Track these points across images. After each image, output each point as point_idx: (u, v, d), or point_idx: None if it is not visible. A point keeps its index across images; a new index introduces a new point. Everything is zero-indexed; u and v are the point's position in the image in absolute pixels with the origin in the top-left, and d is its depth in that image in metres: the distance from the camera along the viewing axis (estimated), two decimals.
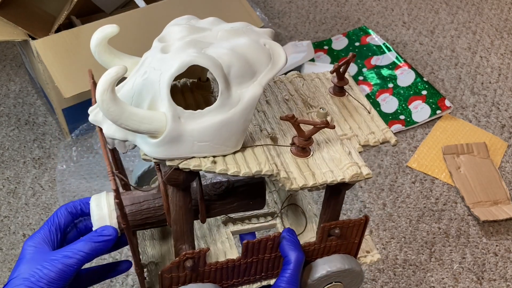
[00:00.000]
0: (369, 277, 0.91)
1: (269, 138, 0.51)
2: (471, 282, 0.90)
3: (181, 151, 0.46)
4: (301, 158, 0.51)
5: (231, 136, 0.47)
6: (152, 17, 1.04)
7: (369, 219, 0.55)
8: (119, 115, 0.42)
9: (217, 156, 0.48)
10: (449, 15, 1.48)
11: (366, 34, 1.39)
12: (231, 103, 0.46)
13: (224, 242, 0.61)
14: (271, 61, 0.47)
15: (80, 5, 1.08)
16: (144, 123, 0.43)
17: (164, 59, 0.45)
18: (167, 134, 0.44)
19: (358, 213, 1.00)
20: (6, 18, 1.00)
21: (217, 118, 0.45)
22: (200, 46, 0.45)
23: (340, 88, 0.59)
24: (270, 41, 0.48)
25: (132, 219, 0.54)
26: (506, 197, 1.03)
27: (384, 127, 0.56)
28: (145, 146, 0.46)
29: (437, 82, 1.27)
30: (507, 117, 1.19)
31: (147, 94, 0.45)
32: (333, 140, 0.53)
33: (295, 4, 1.51)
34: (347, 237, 0.56)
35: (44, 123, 1.17)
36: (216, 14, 1.18)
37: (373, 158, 1.10)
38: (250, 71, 0.46)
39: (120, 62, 0.51)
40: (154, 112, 0.44)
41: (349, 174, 0.50)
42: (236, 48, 0.46)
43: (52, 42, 0.97)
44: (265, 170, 0.47)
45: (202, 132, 0.45)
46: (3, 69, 1.30)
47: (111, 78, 0.41)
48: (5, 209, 1.00)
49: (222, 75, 0.44)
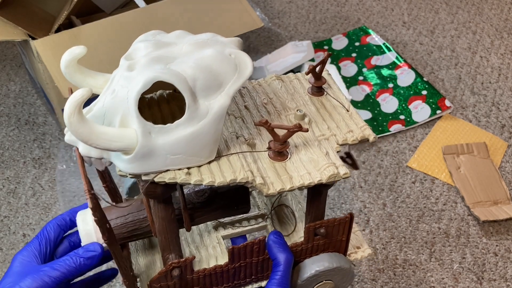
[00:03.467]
0: (369, 277, 0.91)
1: (246, 144, 0.52)
2: (471, 282, 0.90)
3: (154, 165, 0.46)
4: (279, 162, 0.51)
5: (204, 147, 0.48)
6: (152, 17, 1.04)
7: (353, 217, 0.55)
8: (88, 136, 0.43)
9: (191, 167, 0.48)
10: (449, 15, 1.48)
11: (366, 34, 1.39)
12: (199, 115, 0.46)
13: (215, 247, 0.62)
14: (237, 70, 0.48)
15: (80, 5, 1.08)
16: (114, 141, 0.44)
17: (130, 76, 0.45)
18: (138, 150, 0.45)
19: (358, 213, 1.00)
20: (6, 18, 1.00)
21: (187, 130, 0.46)
22: (165, 61, 0.46)
23: (318, 88, 0.59)
24: (236, 50, 0.49)
25: (119, 232, 0.55)
26: (506, 197, 1.03)
27: (362, 125, 0.55)
28: (120, 163, 0.46)
29: (437, 82, 1.27)
30: (507, 117, 1.19)
31: (118, 112, 0.45)
32: (310, 142, 0.53)
33: (295, 4, 1.51)
34: (334, 236, 0.57)
35: (44, 123, 1.17)
36: (216, 14, 1.19)
37: (373, 158, 1.10)
38: (216, 83, 0.47)
39: (92, 81, 0.51)
40: (124, 130, 0.45)
41: (326, 175, 0.50)
42: (201, 61, 0.46)
43: (52, 42, 0.97)
44: (240, 178, 0.48)
45: (173, 146, 0.46)
46: (3, 69, 1.30)
47: (77, 100, 0.42)
48: (5, 209, 1.00)
49: (187, 89, 0.45)
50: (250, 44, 1.38)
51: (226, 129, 0.53)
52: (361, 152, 1.11)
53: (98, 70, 0.97)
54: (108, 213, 0.55)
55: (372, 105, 1.21)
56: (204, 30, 1.05)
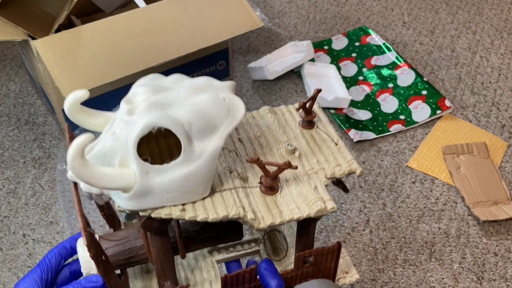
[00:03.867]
0: (369, 277, 0.91)
1: (239, 178, 0.54)
2: (471, 282, 0.90)
3: (151, 202, 0.49)
4: (270, 196, 0.53)
5: (198, 185, 0.50)
6: (152, 17, 1.04)
7: (341, 246, 0.58)
8: (90, 177, 0.46)
9: (186, 204, 0.50)
10: (449, 15, 1.48)
11: (366, 34, 1.39)
12: (194, 157, 0.49)
13: (209, 271, 0.64)
14: (230, 114, 0.51)
15: (80, 5, 1.08)
16: (114, 181, 0.47)
17: (130, 121, 0.48)
18: (137, 189, 0.48)
19: (358, 213, 1.00)
20: (6, 18, 1.00)
21: (182, 171, 0.48)
22: (162, 107, 0.49)
23: (308, 122, 0.62)
24: (229, 95, 0.51)
25: (116, 259, 0.58)
26: (506, 197, 1.03)
27: (350, 158, 0.59)
28: (118, 199, 0.49)
29: (437, 82, 1.27)
30: (507, 117, 1.19)
31: (117, 153, 0.49)
32: (300, 176, 0.56)
33: (295, 4, 1.51)
34: (323, 263, 0.58)
35: (44, 123, 1.17)
36: (216, 14, 1.19)
37: (373, 158, 1.10)
38: (210, 126, 0.50)
39: (94, 120, 0.55)
40: (123, 170, 0.48)
41: (314, 210, 0.52)
42: (196, 106, 0.49)
43: (52, 42, 0.97)
44: (232, 214, 0.50)
45: (169, 184, 0.48)
46: (3, 69, 1.30)
47: (80, 146, 0.45)
48: (5, 209, 1.00)
49: (183, 133, 0.48)
50: (250, 44, 1.38)
51: (220, 164, 0.56)
52: (361, 152, 1.11)
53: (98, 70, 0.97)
54: (106, 241, 0.58)
55: (372, 105, 1.21)
56: (204, 30, 1.06)
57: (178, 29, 1.04)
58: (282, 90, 1.25)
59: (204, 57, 1.18)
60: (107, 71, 0.97)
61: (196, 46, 1.04)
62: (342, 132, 1.15)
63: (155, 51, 1.01)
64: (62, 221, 0.98)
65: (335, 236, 0.96)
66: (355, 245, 0.95)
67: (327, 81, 1.26)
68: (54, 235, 0.96)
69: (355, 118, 1.18)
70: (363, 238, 0.96)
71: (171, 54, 1.01)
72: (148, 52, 1.00)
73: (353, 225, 0.98)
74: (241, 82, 1.28)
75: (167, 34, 1.03)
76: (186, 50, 1.03)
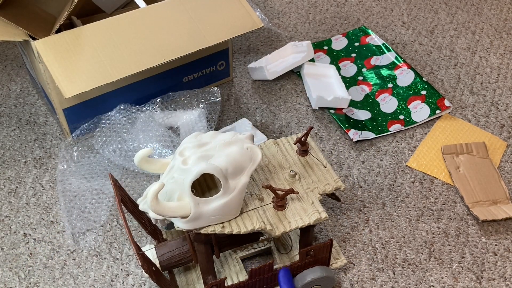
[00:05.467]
0: (369, 276, 0.91)
1: (258, 199, 0.76)
2: (470, 281, 0.91)
3: (201, 223, 0.71)
4: (280, 211, 0.75)
5: (232, 210, 0.72)
6: (153, 18, 1.05)
7: (333, 241, 0.83)
8: (162, 211, 0.69)
9: (225, 222, 0.73)
10: (449, 15, 1.49)
11: (366, 34, 1.39)
12: (230, 191, 0.71)
13: (235, 266, 0.86)
14: (252, 159, 0.73)
15: (81, 6, 1.09)
16: (177, 212, 0.69)
17: (185, 169, 0.71)
18: (191, 216, 0.70)
19: (358, 212, 1.00)
20: (7, 18, 1.00)
21: (222, 201, 0.71)
22: (206, 158, 0.71)
23: (303, 151, 0.83)
24: (250, 144, 0.74)
25: (169, 262, 0.80)
26: (506, 196, 1.03)
27: (336, 178, 0.81)
28: (179, 223, 0.72)
29: (436, 82, 1.28)
30: (506, 117, 1.20)
31: (176, 191, 0.71)
32: (300, 194, 0.78)
33: (295, 4, 1.52)
34: (320, 255, 0.81)
35: (45, 123, 1.17)
36: (216, 15, 1.19)
37: (372, 158, 1.10)
38: (239, 169, 0.71)
39: (154, 166, 0.76)
40: (181, 203, 0.70)
41: (312, 219, 0.75)
42: (229, 156, 0.71)
43: (53, 42, 0.97)
44: (257, 227, 0.73)
45: (213, 211, 0.71)
46: (4, 69, 1.31)
47: (155, 191, 0.67)
48: (6, 209, 1.01)
49: (222, 176, 0.70)
50: (250, 44, 1.39)
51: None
52: (360, 152, 1.11)
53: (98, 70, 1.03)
54: (161, 249, 0.80)
55: (371, 105, 1.21)
56: (204, 30, 1.06)
57: (178, 29, 1.05)
58: (282, 90, 1.25)
59: (204, 57, 1.19)
60: (107, 71, 0.97)
61: (196, 47, 1.04)
62: (342, 132, 1.15)
63: (155, 51, 1.01)
64: (62, 221, 0.98)
65: (335, 235, 0.96)
66: (354, 245, 0.95)
67: (326, 81, 1.26)
68: (55, 234, 0.97)
69: (355, 118, 1.18)
70: (362, 237, 0.96)
71: (171, 54, 1.02)
72: (148, 52, 1.01)
73: (353, 224, 0.98)
74: (241, 82, 1.28)
75: (167, 34, 1.03)
76: (186, 50, 1.03)
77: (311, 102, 1.20)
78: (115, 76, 0.97)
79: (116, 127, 1.07)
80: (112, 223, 0.98)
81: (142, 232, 0.97)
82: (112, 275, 0.91)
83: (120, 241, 0.96)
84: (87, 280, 0.90)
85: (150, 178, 1.05)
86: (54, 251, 0.94)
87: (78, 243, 0.95)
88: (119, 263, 0.92)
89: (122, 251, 0.94)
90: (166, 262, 0.79)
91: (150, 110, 1.10)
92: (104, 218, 0.98)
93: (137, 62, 0.99)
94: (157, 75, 1.14)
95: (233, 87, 1.27)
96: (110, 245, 0.95)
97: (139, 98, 1.14)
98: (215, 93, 1.15)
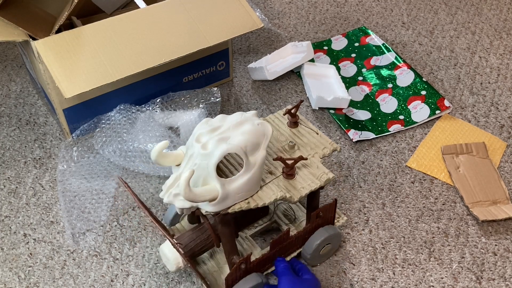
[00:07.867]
0: (369, 276, 0.91)
1: (269, 172, 0.80)
2: (470, 281, 0.91)
3: (228, 203, 0.74)
4: (291, 179, 0.80)
5: (254, 185, 0.76)
6: (153, 18, 1.05)
7: (337, 200, 0.86)
8: (194, 197, 0.71)
9: (248, 198, 0.76)
10: (448, 16, 1.49)
11: (366, 35, 1.39)
12: (251, 167, 0.74)
13: (248, 243, 0.90)
14: (265, 134, 0.76)
15: (81, 6, 1.09)
16: (206, 196, 0.72)
17: (207, 154, 0.73)
18: (220, 197, 0.72)
19: (357, 212, 1.00)
20: (7, 18, 1.00)
21: (245, 177, 0.74)
22: (225, 139, 0.73)
23: (294, 123, 0.87)
24: (259, 120, 0.77)
25: (194, 250, 0.83)
26: (505, 196, 1.03)
27: (330, 141, 0.86)
28: (207, 207, 0.74)
29: (436, 82, 1.28)
30: (506, 117, 1.20)
31: (200, 176, 0.73)
32: (305, 162, 0.82)
33: (295, 4, 1.52)
34: (327, 215, 0.87)
35: (45, 123, 1.17)
36: (216, 15, 1.19)
37: (372, 158, 1.10)
38: (256, 144, 0.75)
39: (169, 160, 0.77)
40: (209, 187, 0.72)
41: (322, 181, 0.80)
42: (244, 134, 0.74)
43: (53, 42, 0.98)
44: (279, 196, 0.77)
45: (238, 188, 0.74)
46: (4, 69, 1.31)
47: (187, 178, 0.69)
48: (6, 209, 1.01)
49: (243, 153, 0.73)
50: (250, 44, 1.39)
51: None
52: (360, 152, 1.11)
53: (98, 70, 1.03)
54: (182, 238, 0.82)
55: (371, 105, 1.21)
56: (204, 30, 1.06)
57: (178, 29, 1.05)
58: (282, 90, 1.25)
59: (204, 57, 1.19)
60: (107, 71, 0.97)
61: (196, 47, 1.04)
62: (342, 132, 1.15)
63: (155, 51, 1.01)
64: (62, 221, 0.98)
65: None
66: (354, 245, 0.95)
67: (326, 81, 1.26)
68: (55, 235, 0.97)
69: (355, 118, 1.18)
70: (362, 237, 0.96)
71: (171, 54, 1.02)
72: (148, 52, 1.01)
73: (353, 224, 0.98)
74: (241, 82, 1.28)
75: (167, 34, 1.03)
76: (186, 50, 1.03)
77: (311, 102, 1.20)
78: (115, 76, 0.97)
79: (116, 127, 1.07)
80: (112, 223, 0.98)
81: (142, 232, 0.97)
82: (112, 275, 0.91)
83: (120, 241, 0.96)
84: (87, 280, 0.90)
85: (150, 178, 1.05)
86: (54, 251, 0.94)
87: (78, 243, 0.95)
88: (119, 263, 0.92)
89: (122, 251, 0.94)
90: (190, 252, 0.82)
91: (150, 110, 1.10)
92: (104, 218, 0.98)
93: (137, 62, 0.99)
94: (157, 75, 1.14)
95: (233, 87, 1.27)
96: (110, 245, 0.95)
97: (139, 98, 1.14)
98: (215, 93, 1.15)
